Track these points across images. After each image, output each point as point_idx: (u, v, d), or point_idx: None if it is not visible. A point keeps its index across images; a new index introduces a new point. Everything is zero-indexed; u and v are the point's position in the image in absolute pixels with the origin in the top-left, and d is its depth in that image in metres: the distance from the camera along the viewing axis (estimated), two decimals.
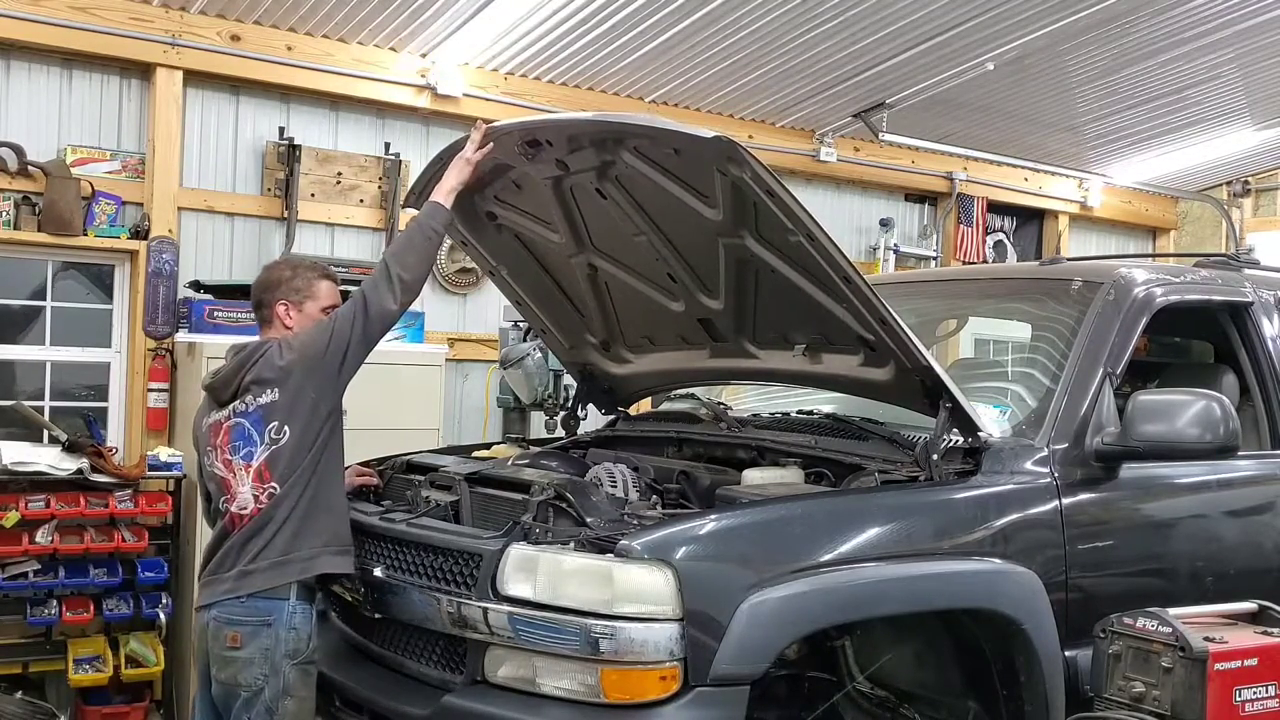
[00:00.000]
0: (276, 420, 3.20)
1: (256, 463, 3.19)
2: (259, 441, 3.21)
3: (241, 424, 3.24)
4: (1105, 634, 2.86)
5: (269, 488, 3.17)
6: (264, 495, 3.17)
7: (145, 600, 5.16)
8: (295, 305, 3.44)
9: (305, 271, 3.53)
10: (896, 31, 6.37)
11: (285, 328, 3.40)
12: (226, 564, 3.19)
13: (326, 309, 3.46)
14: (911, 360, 3.12)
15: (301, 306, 3.44)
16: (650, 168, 3.19)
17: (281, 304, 3.43)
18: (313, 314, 3.44)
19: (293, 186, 6.07)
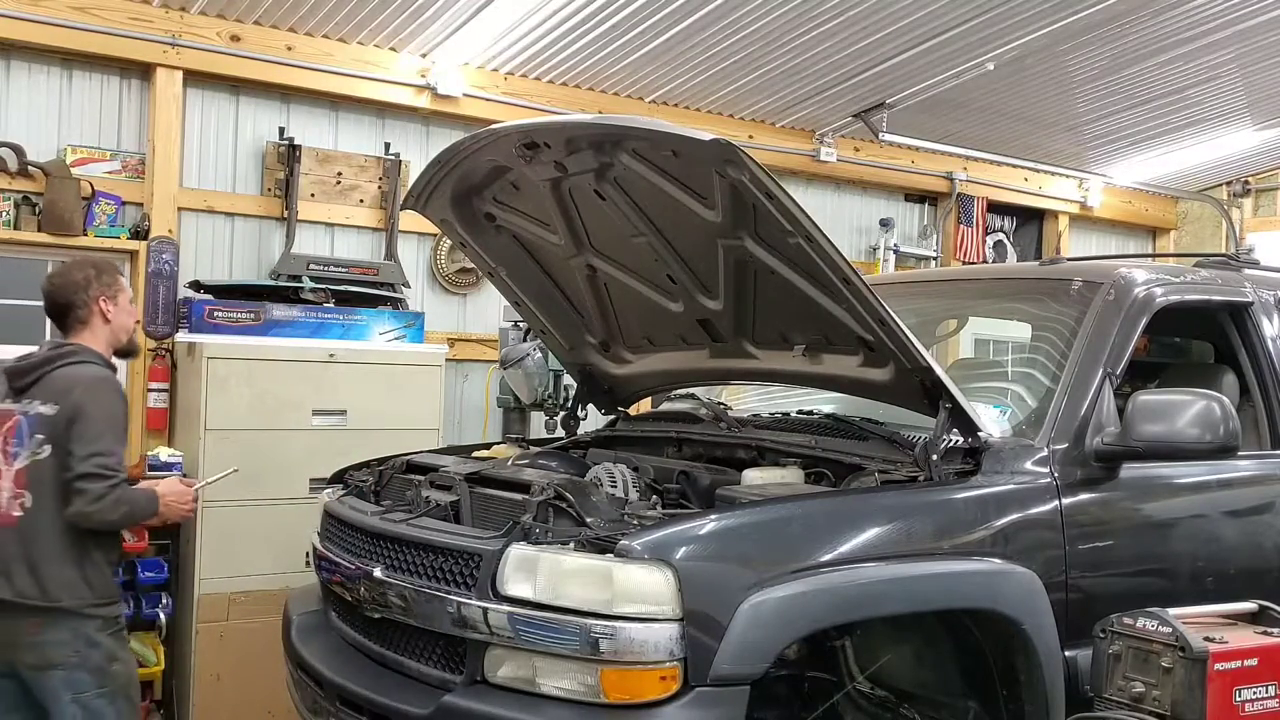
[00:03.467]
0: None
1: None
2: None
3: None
4: (1105, 634, 2.86)
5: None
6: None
7: (145, 600, 5.16)
8: (110, 299, 3.57)
9: (106, 267, 3.68)
10: (896, 31, 6.37)
11: (104, 324, 3.56)
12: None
13: (130, 300, 3.70)
14: (911, 360, 3.12)
15: (116, 300, 3.60)
16: (649, 169, 3.19)
17: (101, 300, 3.56)
18: (124, 305, 3.62)
19: (293, 186, 6.07)
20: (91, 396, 3.33)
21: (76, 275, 3.58)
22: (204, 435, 5.16)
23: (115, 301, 3.56)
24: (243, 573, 5.18)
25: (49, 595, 3.28)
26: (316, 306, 5.72)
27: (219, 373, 5.16)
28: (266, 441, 5.20)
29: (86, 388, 3.35)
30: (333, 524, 3.62)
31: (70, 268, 3.68)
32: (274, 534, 5.13)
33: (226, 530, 5.16)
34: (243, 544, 5.18)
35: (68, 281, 3.57)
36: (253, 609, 5.16)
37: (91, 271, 3.59)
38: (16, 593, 3.28)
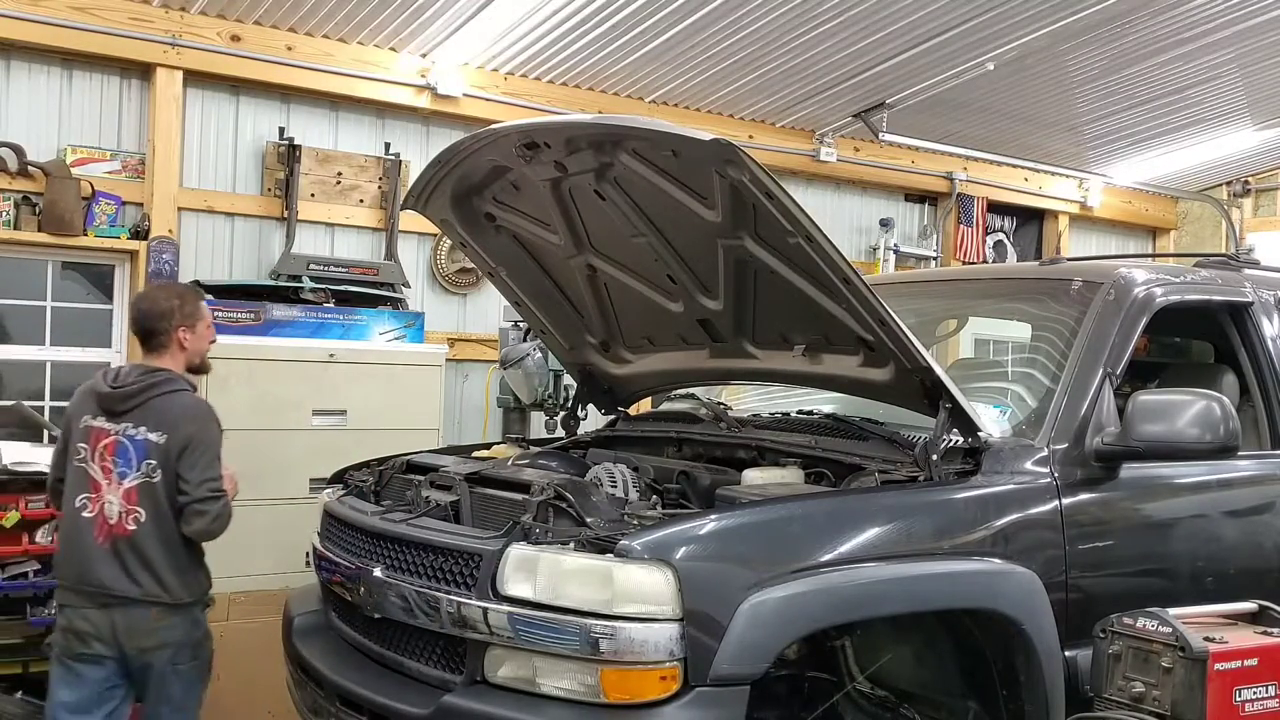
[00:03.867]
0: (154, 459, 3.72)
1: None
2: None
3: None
4: (1105, 634, 2.86)
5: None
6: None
7: None
8: (189, 328, 3.90)
9: (189, 295, 4.01)
10: (896, 31, 6.37)
11: (182, 350, 3.89)
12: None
13: (209, 325, 4.02)
14: (911, 360, 3.12)
15: (194, 328, 3.91)
16: (649, 169, 3.19)
17: (181, 329, 3.87)
18: (201, 333, 3.95)
19: (293, 186, 6.07)
20: (199, 428, 3.74)
21: (162, 304, 3.89)
22: None
23: (193, 331, 3.90)
24: (243, 573, 5.17)
25: (172, 593, 3.72)
26: (316, 306, 5.72)
27: (219, 373, 5.14)
28: (266, 441, 5.20)
29: (192, 419, 3.75)
30: (333, 524, 3.62)
31: (157, 294, 4.01)
32: (274, 534, 5.13)
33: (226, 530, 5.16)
34: (243, 544, 5.16)
35: (154, 309, 3.89)
36: (253, 609, 5.15)
37: (176, 302, 3.90)
38: (144, 593, 3.69)
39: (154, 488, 3.69)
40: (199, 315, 3.94)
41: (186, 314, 3.89)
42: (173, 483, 3.68)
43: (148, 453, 3.70)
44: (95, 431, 3.76)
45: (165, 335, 3.86)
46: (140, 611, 3.70)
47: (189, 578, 3.80)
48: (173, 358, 3.87)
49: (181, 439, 3.68)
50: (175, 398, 3.77)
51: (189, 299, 3.96)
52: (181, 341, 3.87)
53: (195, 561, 3.86)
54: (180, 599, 3.76)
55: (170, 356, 3.87)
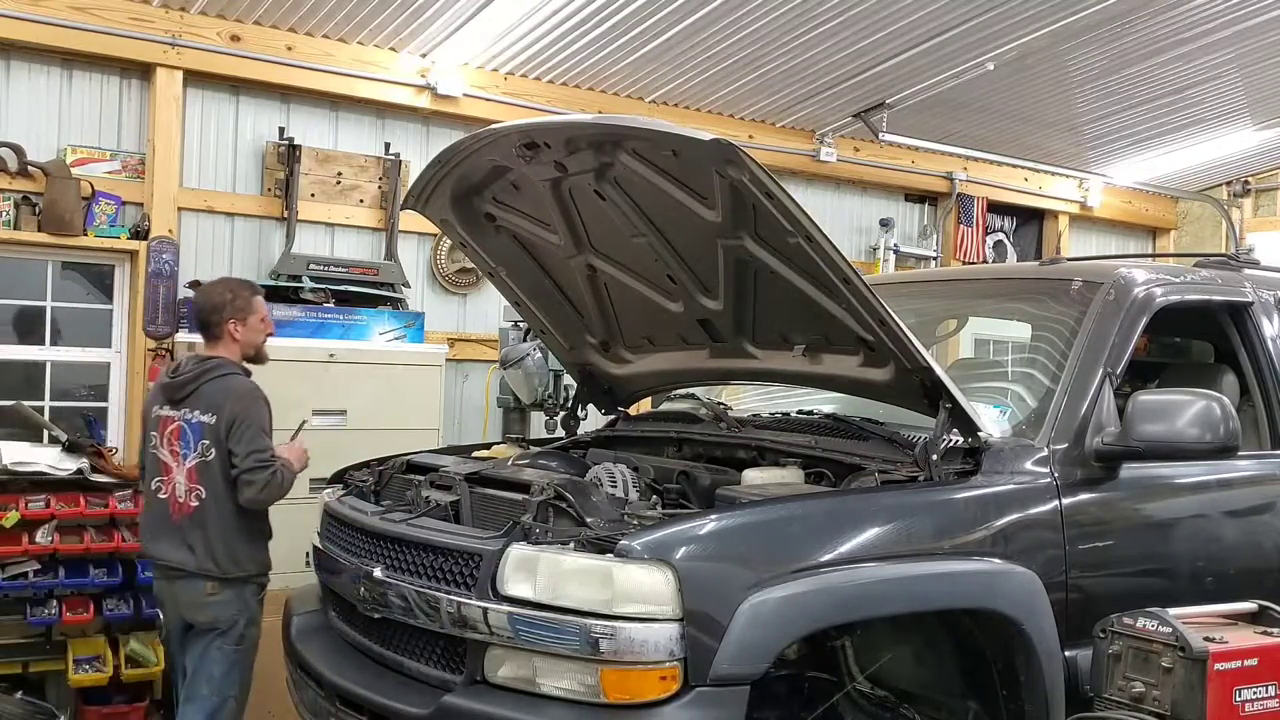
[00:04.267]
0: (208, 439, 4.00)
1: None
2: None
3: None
4: (1105, 634, 2.86)
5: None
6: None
7: (145, 600, 5.15)
8: (240, 322, 4.16)
9: (242, 289, 4.26)
10: (896, 31, 6.37)
11: (234, 340, 4.16)
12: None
13: (263, 318, 4.26)
14: (911, 360, 3.12)
15: (245, 321, 4.17)
16: (649, 169, 3.19)
17: (230, 321, 4.14)
18: (254, 325, 4.21)
19: (293, 186, 6.07)
20: (244, 406, 4.00)
21: (215, 297, 4.20)
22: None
23: (245, 323, 4.17)
24: None
25: (220, 566, 3.96)
26: (316, 306, 5.72)
27: None
28: None
29: (238, 398, 4.01)
30: (333, 524, 3.62)
31: (212, 288, 4.30)
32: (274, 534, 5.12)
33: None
34: None
35: (208, 301, 4.21)
36: None
37: (228, 296, 4.19)
38: (199, 567, 3.96)
39: (209, 466, 3.98)
40: (251, 309, 4.19)
41: (238, 308, 4.16)
42: (226, 460, 3.96)
43: (202, 434, 4.00)
44: (163, 420, 4.11)
45: (218, 327, 4.15)
46: (195, 584, 3.99)
47: (240, 554, 4.01)
48: (226, 347, 4.16)
49: (228, 417, 3.96)
50: (223, 381, 4.05)
51: (241, 294, 4.21)
52: (233, 333, 4.15)
53: (250, 539, 4.06)
54: (229, 573, 3.98)
55: (224, 346, 4.16)
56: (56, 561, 4.98)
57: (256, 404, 4.05)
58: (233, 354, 4.17)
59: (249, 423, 3.97)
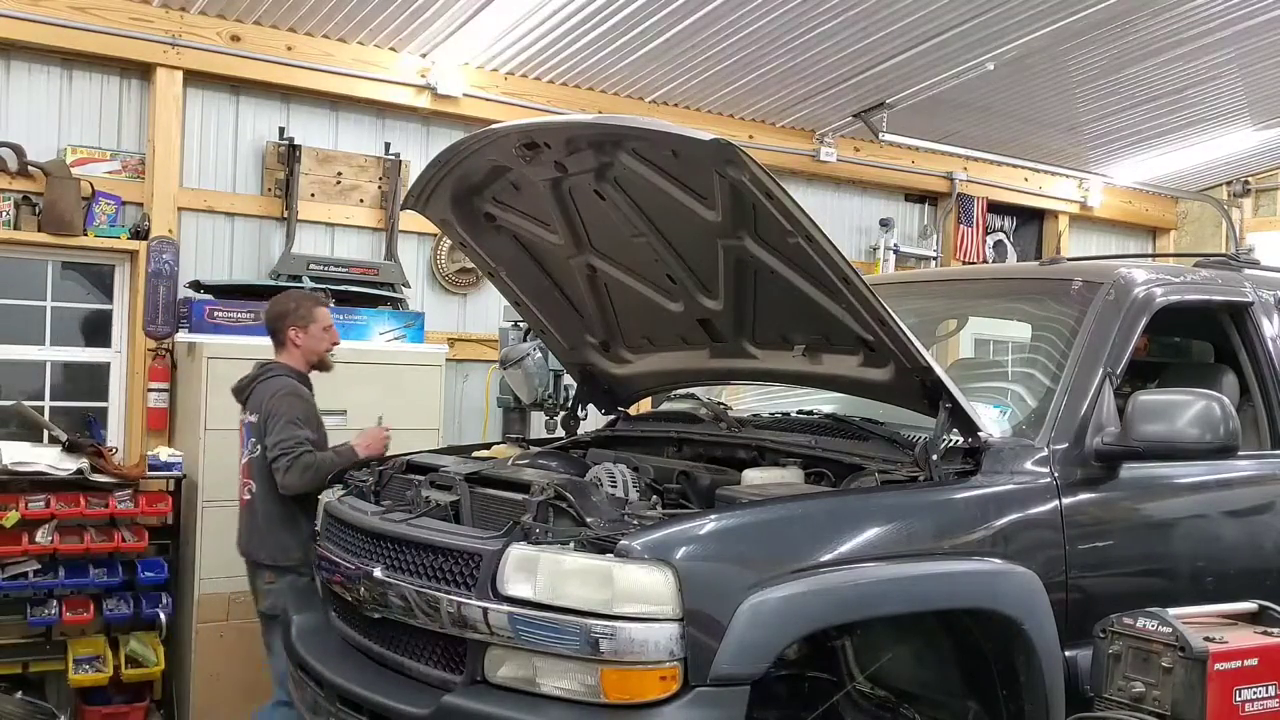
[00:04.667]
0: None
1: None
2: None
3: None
4: (1105, 634, 2.86)
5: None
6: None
7: (145, 600, 5.16)
8: (300, 329, 4.48)
9: (305, 299, 4.61)
10: (896, 31, 6.37)
11: (295, 347, 4.50)
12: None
13: (325, 328, 4.55)
14: (911, 360, 3.12)
15: (306, 329, 4.49)
16: (649, 169, 3.19)
17: (292, 329, 4.48)
18: (315, 333, 4.51)
19: (293, 186, 6.07)
20: (275, 402, 4.31)
21: (279, 306, 4.57)
22: (204, 435, 5.16)
23: (305, 331, 4.49)
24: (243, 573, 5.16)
25: (272, 556, 4.32)
26: None
27: (219, 373, 5.16)
28: None
29: (272, 396, 4.34)
30: (333, 524, 3.62)
31: (279, 298, 4.65)
32: None
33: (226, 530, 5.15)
34: None
35: (273, 310, 4.58)
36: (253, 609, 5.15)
37: (291, 305, 4.54)
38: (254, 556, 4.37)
39: (256, 462, 4.35)
40: (311, 319, 4.51)
41: (299, 316, 4.49)
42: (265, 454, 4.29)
43: (251, 432, 4.40)
44: (241, 424, 4.52)
45: (281, 334, 4.51)
46: (259, 573, 4.39)
47: (287, 543, 4.29)
48: (289, 354, 4.51)
49: (264, 414, 4.30)
50: (267, 383, 4.40)
51: (304, 304, 4.55)
52: (294, 340, 4.49)
53: (289, 528, 4.30)
54: (278, 561, 4.30)
55: (286, 353, 4.51)
56: (56, 561, 4.99)
57: (288, 399, 4.31)
58: (294, 360, 4.50)
59: (278, 415, 4.25)
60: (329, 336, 4.57)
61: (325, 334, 4.54)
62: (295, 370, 4.48)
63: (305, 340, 4.49)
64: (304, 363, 4.52)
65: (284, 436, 4.20)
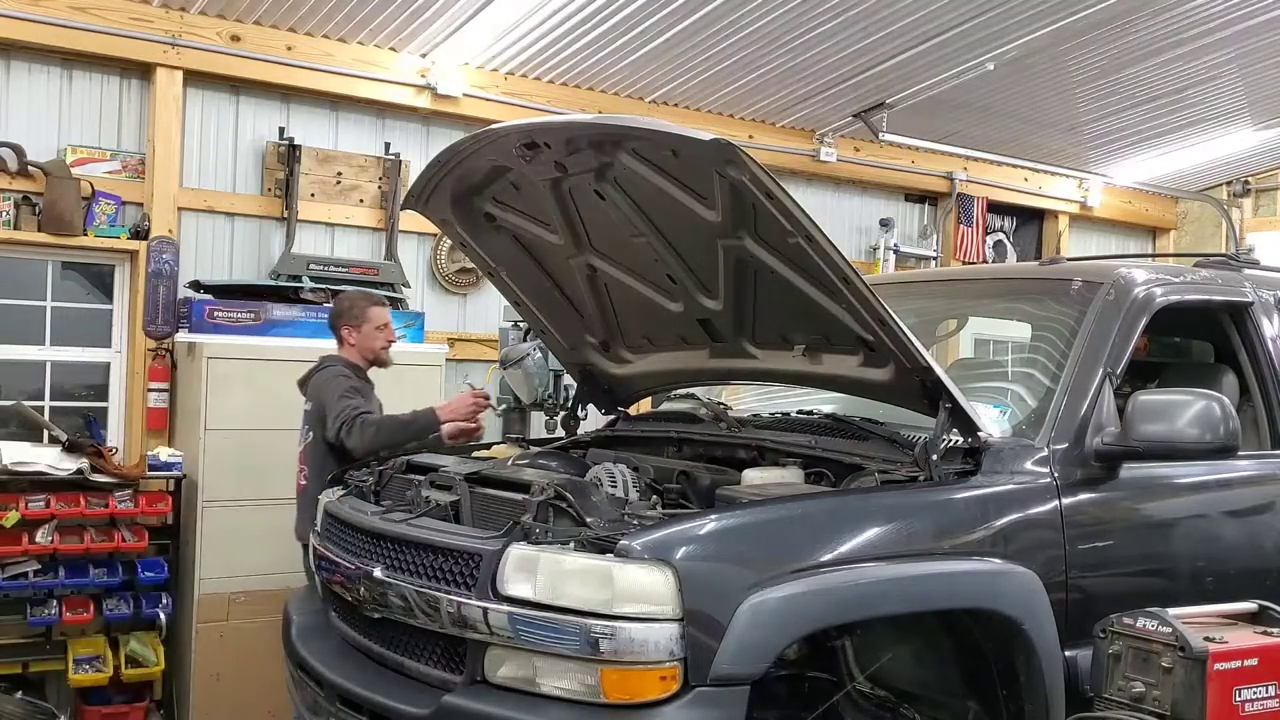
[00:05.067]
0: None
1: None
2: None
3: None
4: (1105, 634, 2.86)
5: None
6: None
7: (145, 600, 5.16)
8: (354, 328, 4.74)
9: (360, 300, 4.87)
10: (896, 31, 6.37)
11: (350, 344, 4.76)
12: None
13: (378, 328, 4.78)
14: (911, 360, 3.12)
15: (359, 329, 4.74)
16: (648, 169, 3.19)
17: (345, 328, 4.75)
18: (368, 333, 4.75)
19: (293, 186, 6.07)
20: (324, 390, 4.56)
21: (337, 305, 4.88)
22: (204, 435, 5.16)
23: (358, 330, 4.74)
24: (243, 573, 5.18)
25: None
26: (316, 306, 5.72)
27: (219, 373, 5.16)
28: (266, 441, 5.20)
29: (321, 386, 4.59)
30: (333, 524, 3.62)
31: (339, 299, 4.96)
32: (274, 534, 5.13)
33: (226, 530, 5.17)
34: (243, 544, 5.19)
35: (333, 309, 4.89)
36: (253, 609, 5.16)
37: (346, 304, 4.83)
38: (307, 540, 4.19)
39: (310, 449, 4.58)
40: (365, 319, 4.75)
41: (353, 316, 4.75)
42: (320, 441, 4.49)
43: (306, 419, 4.64)
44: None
45: (337, 332, 4.79)
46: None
47: None
48: (345, 350, 4.77)
49: (318, 402, 4.54)
50: (321, 373, 4.66)
51: (359, 305, 4.80)
52: (348, 339, 4.74)
53: None
54: None
55: (344, 350, 4.77)
56: (56, 561, 4.99)
57: (334, 380, 4.57)
58: (350, 355, 4.74)
59: (330, 394, 4.48)
60: (383, 335, 4.80)
61: (379, 333, 4.77)
62: (350, 363, 4.71)
63: (359, 339, 4.73)
64: (360, 359, 4.76)
65: (339, 409, 4.41)
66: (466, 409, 4.58)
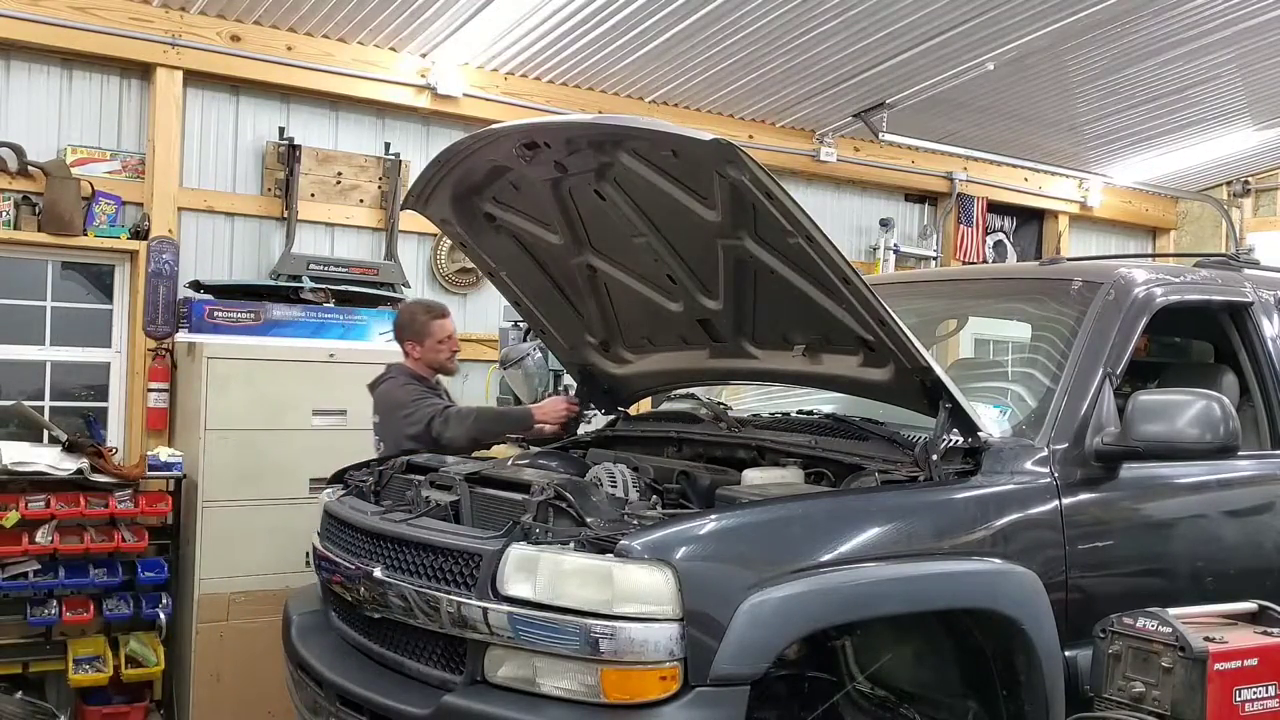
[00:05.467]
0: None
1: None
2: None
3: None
4: (1105, 634, 2.86)
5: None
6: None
7: (145, 600, 5.16)
8: (416, 343, 4.77)
9: (421, 314, 4.86)
10: (896, 31, 6.37)
11: (414, 358, 4.80)
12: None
13: (440, 341, 4.80)
14: (911, 360, 3.12)
15: (422, 343, 4.78)
16: (648, 169, 3.19)
17: (408, 343, 4.79)
18: (431, 347, 4.79)
19: (293, 186, 6.07)
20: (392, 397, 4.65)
21: (400, 318, 4.92)
22: (204, 435, 5.16)
23: (420, 345, 4.78)
24: (243, 573, 5.18)
25: None
26: (316, 306, 5.72)
27: (219, 373, 5.16)
28: (266, 441, 5.21)
29: (388, 397, 4.68)
30: (333, 524, 3.62)
31: (402, 309, 5.00)
32: (274, 534, 5.14)
33: (226, 530, 5.17)
34: (243, 544, 5.19)
35: (396, 321, 4.96)
36: (253, 609, 5.16)
37: (407, 319, 4.86)
38: None
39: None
40: (426, 334, 4.77)
41: (414, 332, 4.79)
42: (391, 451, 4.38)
43: (376, 431, 4.72)
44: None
45: (400, 344, 4.84)
46: None
47: None
48: (410, 360, 4.82)
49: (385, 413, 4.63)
50: (383, 385, 4.74)
51: (419, 320, 4.82)
52: (410, 352, 4.80)
53: None
54: None
55: (409, 359, 4.82)
56: (56, 561, 4.99)
57: (403, 388, 4.64)
58: (414, 366, 4.79)
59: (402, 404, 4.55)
60: (447, 347, 4.84)
61: (442, 346, 4.80)
62: (414, 373, 4.75)
63: (421, 353, 4.78)
64: (424, 368, 4.81)
65: (423, 412, 4.45)
66: (559, 414, 4.53)
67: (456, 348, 4.92)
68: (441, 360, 4.84)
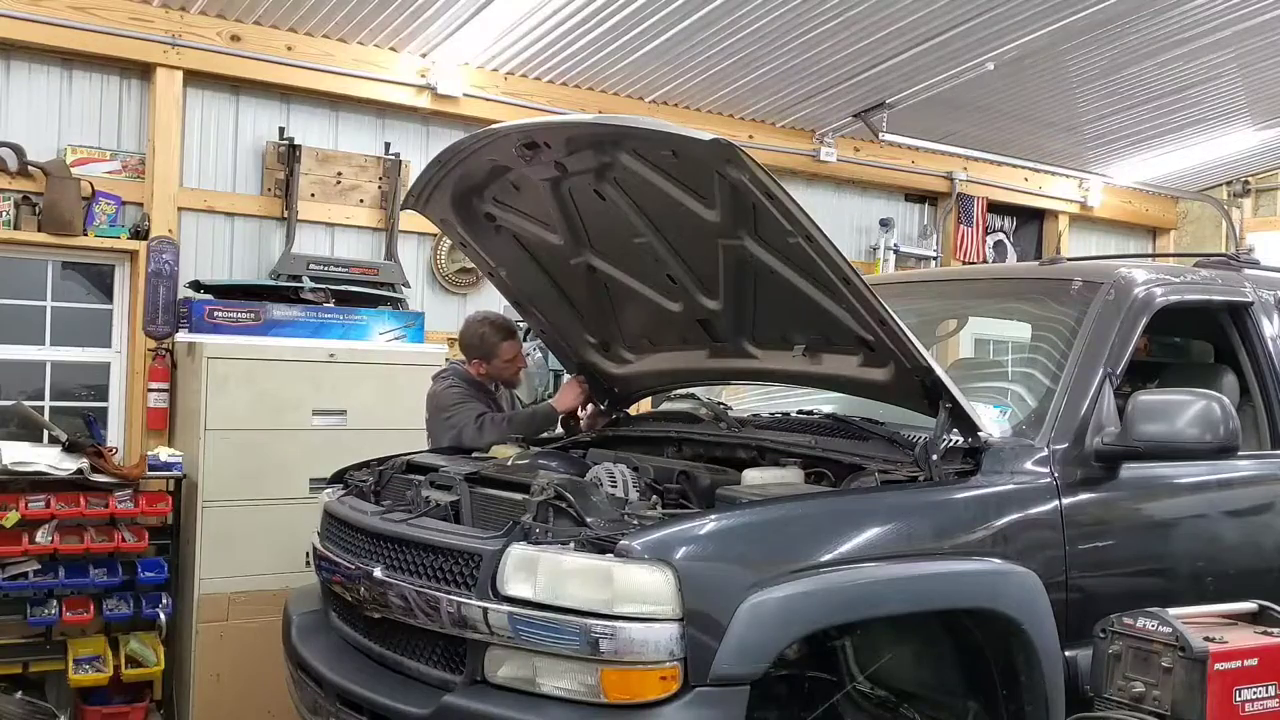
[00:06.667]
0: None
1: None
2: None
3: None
4: (1105, 634, 2.86)
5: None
6: None
7: (145, 600, 5.16)
8: (483, 361, 4.81)
9: (491, 335, 4.82)
10: (896, 31, 6.37)
11: (480, 374, 4.84)
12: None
13: (508, 360, 4.82)
14: (911, 360, 3.12)
15: (489, 362, 4.81)
16: (648, 169, 3.19)
17: (474, 361, 4.83)
18: (498, 365, 4.81)
19: (293, 186, 6.07)
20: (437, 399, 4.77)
21: (467, 337, 4.89)
22: (204, 435, 5.16)
23: (487, 364, 4.82)
24: (243, 573, 5.18)
25: None
26: (316, 306, 5.72)
27: (219, 373, 5.16)
28: (266, 441, 5.20)
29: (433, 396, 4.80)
30: (333, 524, 3.62)
31: (469, 327, 4.94)
32: (274, 534, 5.13)
33: (226, 530, 5.17)
34: (243, 544, 5.19)
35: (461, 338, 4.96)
36: (253, 609, 5.16)
37: (476, 340, 4.84)
38: None
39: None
40: (495, 354, 4.79)
41: (482, 352, 4.81)
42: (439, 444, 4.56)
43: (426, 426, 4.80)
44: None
45: (465, 359, 4.90)
46: None
47: None
48: (475, 369, 4.86)
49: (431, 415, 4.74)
50: (433, 386, 4.85)
51: (488, 340, 4.80)
52: (476, 369, 4.85)
53: None
54: None
55: (473, 368, 4.86)
56: (56, 561, 4.99)
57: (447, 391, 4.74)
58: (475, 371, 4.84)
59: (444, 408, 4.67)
60: (514, 364, 4.88)
61: (507, 364, 4.84)
62: (469, 377, 4.84)
63: (488, 370, 4.83)
64: (490, 379, 4.89)
65: (460, 417, 4.57)
66: (576, 396, 4.56)
67: (524, 364, 4.99)
68: (504, 375, 4.92)
